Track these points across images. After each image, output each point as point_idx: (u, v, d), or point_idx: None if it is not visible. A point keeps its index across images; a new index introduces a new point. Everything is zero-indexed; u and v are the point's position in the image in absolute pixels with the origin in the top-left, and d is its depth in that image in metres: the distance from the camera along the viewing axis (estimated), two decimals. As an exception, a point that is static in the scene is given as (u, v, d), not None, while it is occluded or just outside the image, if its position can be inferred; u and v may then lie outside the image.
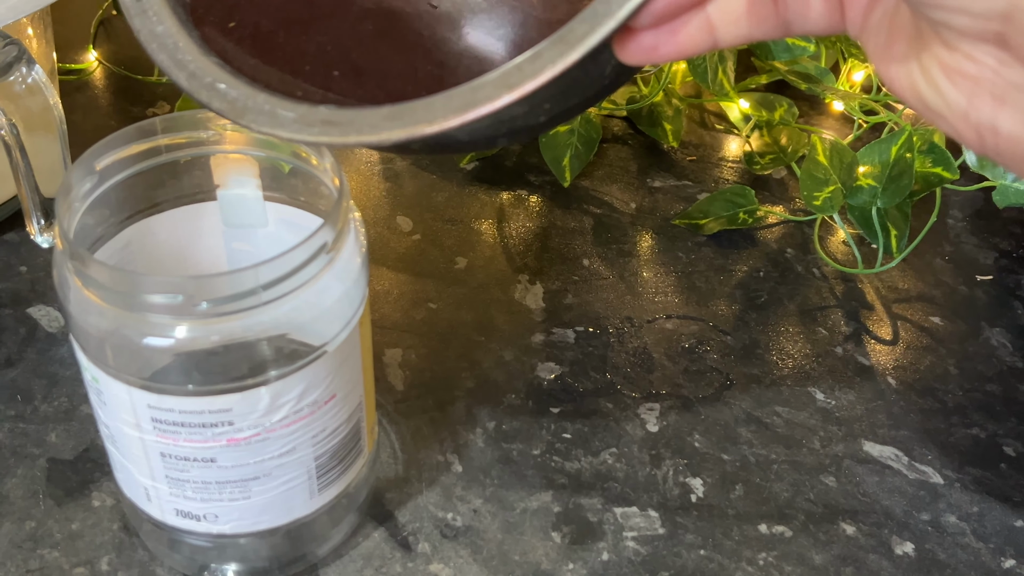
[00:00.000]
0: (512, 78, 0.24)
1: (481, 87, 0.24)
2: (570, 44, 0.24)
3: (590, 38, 0.24)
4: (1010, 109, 0.25)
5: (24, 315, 0.50)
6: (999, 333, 0.53)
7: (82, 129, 0.61)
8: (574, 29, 0.24)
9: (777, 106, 0.62)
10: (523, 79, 0.24)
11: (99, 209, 0.36)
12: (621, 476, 0.45)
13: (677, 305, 0.53)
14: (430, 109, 0.25)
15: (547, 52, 0.24)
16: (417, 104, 0.25)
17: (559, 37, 0.24)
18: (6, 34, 0.44)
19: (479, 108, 0.24)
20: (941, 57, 0.25)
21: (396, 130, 0.25)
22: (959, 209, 0.61)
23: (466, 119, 0.24)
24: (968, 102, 0.25)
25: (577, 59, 0.24)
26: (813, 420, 0.48)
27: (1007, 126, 0.25)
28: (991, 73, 0.24)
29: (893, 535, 0.43)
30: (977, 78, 0.25)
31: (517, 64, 0.24)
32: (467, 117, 0.24)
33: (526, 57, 0.24)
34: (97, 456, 0.44)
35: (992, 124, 0.25)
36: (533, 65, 0.24)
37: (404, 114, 0.25)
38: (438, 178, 0.60)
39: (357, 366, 0.37)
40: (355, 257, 0.35)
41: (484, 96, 0.24)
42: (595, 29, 0.23)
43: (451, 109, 0.25)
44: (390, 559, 0.41)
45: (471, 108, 0.24)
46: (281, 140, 0.28)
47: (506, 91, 0.24)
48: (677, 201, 0.60)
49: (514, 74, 0.24)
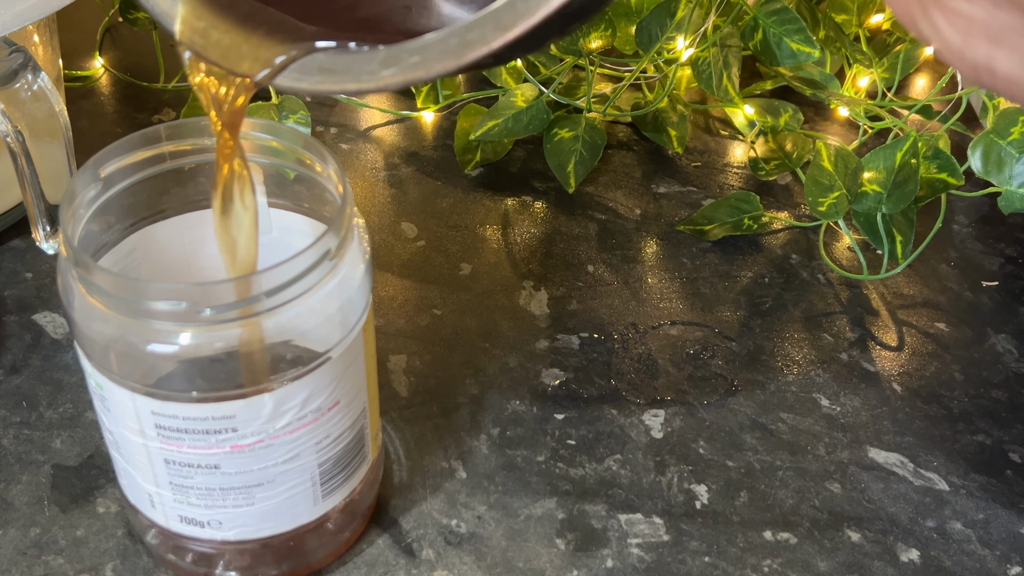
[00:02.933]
0: (504, 17, 0.22)
1: (478, 25, 0.22)
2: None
3: None
4: (1006, 51, 0.24)
5: (29, 321, 0.50)
6: (1005, 339, 0.53)
7: (88, 136, 0.61)
8: None
9: (782, 112, 0.62)
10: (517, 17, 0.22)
11: (103, 216, 0.36)
12: (625, 482, 0.45)
13: (682, 311, 0.53)
14: (425, 53, 0.23)
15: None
16: (411, 47, 0.24)
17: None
18: (12, 41, 0.44)
19: (477, 49, 0.23)
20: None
21: (395, 76, 0.24)
22: (964, 215, 0.61)
23: (463, 62, 0.23)
24: (963, 41, 0.24)
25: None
26: (818, 426, 0.48)
27: (1004, 67, 0.24)
28: (985, 14, 0.23)
29: (898, 542, 0.43)
30: (971, 18, 0.24)
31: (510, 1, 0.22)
32: (463, 61, 0.23)
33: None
34: (102, 462, 0.44)
35: (988, 65, 0.24)
36: (526, 3, 0.22)
37: (400, 58, 0.24)
38: (442, 184, 0.60)
39: (361, 372, 0.37)
40: (359, 263, 0.35)
41: (478, 37, 0.22)
42: None
43: (447, 51, 0.23)
44: (394, 566, 0.41)
45: (467, 50, 0.23)
46: (281, 89, 0.27)
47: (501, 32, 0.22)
48: (682, 207, 0.60)
49: (506, 12, 0.22)
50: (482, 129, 0.58)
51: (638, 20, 0.58)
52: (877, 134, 0.64)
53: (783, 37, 0.57)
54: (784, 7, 0.57)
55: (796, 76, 0.60)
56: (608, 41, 0.60)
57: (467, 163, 0.61)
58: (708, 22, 0.58)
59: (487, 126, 0.58)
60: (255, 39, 0.26)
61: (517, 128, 0.58)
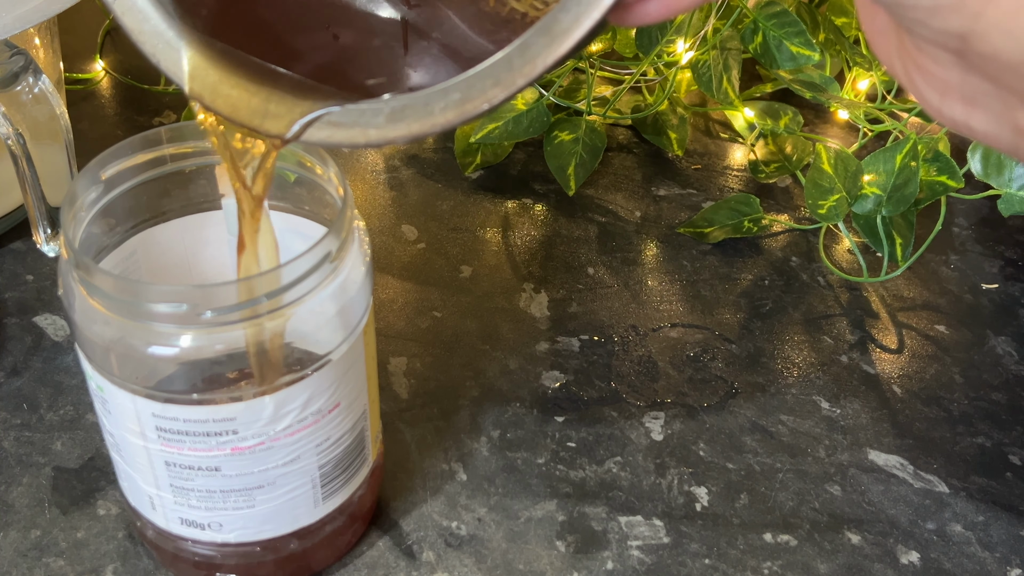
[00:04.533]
0: (502, 73, 0.24)
1: (477, 80, 0.24)
2: (556, 36, 0.23)
3: (578, 28, 0.23)
4: (981, 111, 0.24)
5: (30, 324, 0.50)
6: (1004, 342, 0.53)
7: (88, 138, 0.61)
8: (558, 19, 0.23)
9: (782, 115, 0.62)
10: (514, 76, 0.23)
11: (104, 218, 0.36)
12: (626, 485, 0.45)
13: (682, 314, 0.53)
14: (428, 106, 0.25)
15: (534, 43, 0.23)
16: (416, 100, 0.25)
17: (543, 27, 0.23)
18: (13, 44, 0.44)
19: (478, 104, 0.24)
20: (913, 55, 0.25)
21: (400, 130, 0.25)
22: (964, 217, 0.61)
23: (464, 116, 0.24)
24: (941, 101, 0.25)
25: (571, 47, 0.23)
26: (818, 429, 0.48)
27: (981, 127, 0.25)
28: (958, 78, 0.24)
29: (898, 544, 0.43)
30: (946, 81, 0.24)
31: (507, 56, 0.23)
32: (465, 116, 0.24)
33: (515, 48, 0.23)
34: (102, 464, 0.44)
35: (966, 123, 0.25)
36: (522, 58, 0.23)
37: (407, 113, 0.25)
38: (443, 187, 0.60)
39: (361, 375, 0.37)
40: (359, 266, 0.35)
41: (480, 90, 0.24)
42: (582, 17, 0.22)
43: (449, 105, 0.24)
44: (394, 568, 0.41)
45: (468, 103, 0.24)
46: None
47: (500, 88, 0.24)
48: (682, 210, 0.60)
49: (503, 69, 0.24)
50: (482, 132, 0.58)
51: (638, 23, 0.58)
52: (877, 137, 0.64)
53: (783, 40, 0.57)
54: (784, 10, 0.57)
55: (796, 79, 0.60)
56: (608, 44, 0.60)
57: (467, 166, 0.61)
58: (708, 25, 0.58)
59: (487, 129, 0.58)
60: (277, 98, 0.27)
61: (517, 131, 0.58)
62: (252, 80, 0.27)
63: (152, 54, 0.27)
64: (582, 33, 0.23)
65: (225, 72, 0.27)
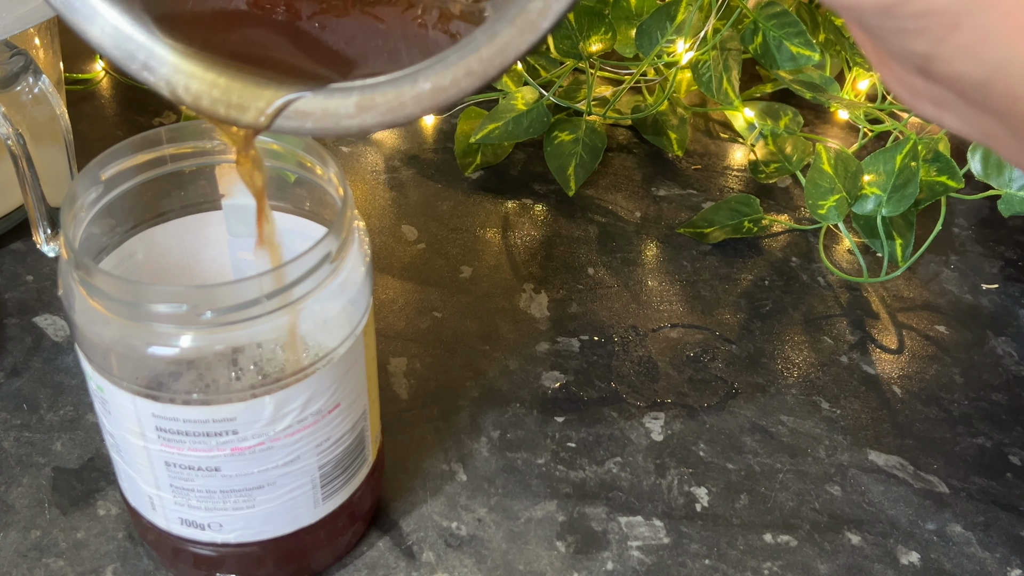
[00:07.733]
0: (472, 63, 0.24)
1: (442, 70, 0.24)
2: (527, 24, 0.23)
3: (550, 13, 0.23)
4: (949, 114, 0.25)
5: (30, 324, 0.50)
6: (1004, 342, 0.53)
7: (88, 139, 0.61)
8: (528, 8, 0.23)
9: (782, 115, 0.62)
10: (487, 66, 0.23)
11: (104, 219, 0.36)
12: (626, 485, 0.45)
13: (682, 314, 0.53)
14: (399, 94, 0.25)
15: (503, 31, 0.23)
16: (386, 89, 0.25)
17: (513, 16, 0.23)
18: (13, 44, 0.44)
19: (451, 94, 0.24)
20: (883, 57, 0.25)
21: (370, 119, 0.25)
22: (964, 218, 0.61)
23: (438, 103, 0.24)
24: (912, 101, 0.26)
25: (547, 28, 0.23)
26: (818, 429, 0.48)
27: (953, 125, 0.26)
28: (924, 86, 0.25)
29: (899, 545, 0.43)
30: (915, 87, 0.25)
31: (475, 44, 0.23)
32: (438, 101, 0.24)
33: (484, 35, 0.23)
34: (102, 465, 0.44)
35: (939, 121, 0.26)
36: (491, 46, 0.23)
37: (375, 103, 0.25)
38: (443, 187, 0.60)
39: (362, 375, 0.37)
40: (359, 266, 0.35)
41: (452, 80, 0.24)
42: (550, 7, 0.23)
43: (421, 95, 0.24)
44: (394, 568, 0.41)
45: (440, 94, 0.24)
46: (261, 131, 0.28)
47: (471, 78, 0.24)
48: (682, 210, 0.60)
49: (474, 57, 0.23)
50: (482, 132, 0.58)
51: (638, 23, 0.59)
52: (877, 137, 0.64)
53: (783, 40, 0.57)
54: (784, 10, 0.57)
55: (796, 79, 0.60)
56: (608, 44, 0.60)
57: (467, 166, 0.61)
58: (708, 25, 0.58)
59: (487, 129, 0.58)
60: (239, 88, 0.27)
61: (517, 131, 0.58)
62: (213, 71, 0.27)
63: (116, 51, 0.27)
64: (553, 20, 0.23)
65: (189, 63, 0.27)
